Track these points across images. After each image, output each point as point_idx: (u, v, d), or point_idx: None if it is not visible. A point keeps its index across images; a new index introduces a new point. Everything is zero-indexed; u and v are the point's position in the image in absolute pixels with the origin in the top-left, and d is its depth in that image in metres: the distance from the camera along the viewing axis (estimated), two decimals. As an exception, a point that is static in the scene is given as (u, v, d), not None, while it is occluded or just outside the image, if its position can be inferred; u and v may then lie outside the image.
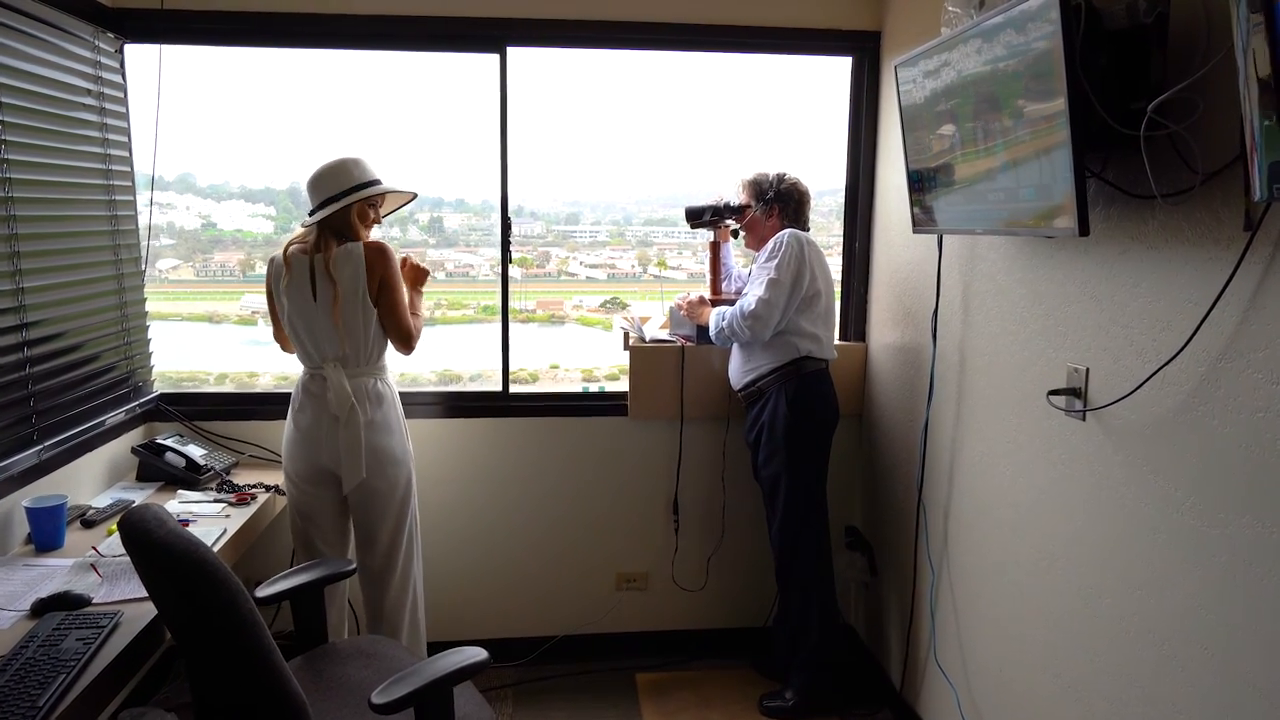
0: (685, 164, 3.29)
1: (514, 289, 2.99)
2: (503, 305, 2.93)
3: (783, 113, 3.15)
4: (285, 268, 2.34)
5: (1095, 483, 1.75)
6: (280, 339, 2.53)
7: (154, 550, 1.47)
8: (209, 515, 2.32)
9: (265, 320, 2.53)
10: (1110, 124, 1.48)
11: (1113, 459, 1.70)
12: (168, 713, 2.33)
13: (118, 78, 2.63)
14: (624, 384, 3.00)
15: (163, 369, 2.96)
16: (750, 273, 2.79)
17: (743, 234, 2.84)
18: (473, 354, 3.19)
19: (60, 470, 2.29)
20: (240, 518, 2.32)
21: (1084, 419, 1.78)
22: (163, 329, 2.95)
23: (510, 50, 2.79)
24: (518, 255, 2.96)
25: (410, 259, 2.59)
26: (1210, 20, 1.39)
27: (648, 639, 3.13)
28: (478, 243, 3.30)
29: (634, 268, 3.52)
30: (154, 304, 2.89)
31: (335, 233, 2.34)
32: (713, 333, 2.75)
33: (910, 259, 2.66)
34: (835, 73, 3.00)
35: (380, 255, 2.34)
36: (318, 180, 2.33)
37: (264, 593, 1.96)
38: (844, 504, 3.11)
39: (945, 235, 2.35)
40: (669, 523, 3.07)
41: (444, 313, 3.31)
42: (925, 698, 2.58)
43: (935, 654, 2.47)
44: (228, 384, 3.18)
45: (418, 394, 2.94)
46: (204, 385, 3.15)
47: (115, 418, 2.57)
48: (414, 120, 3.01)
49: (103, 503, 2.35)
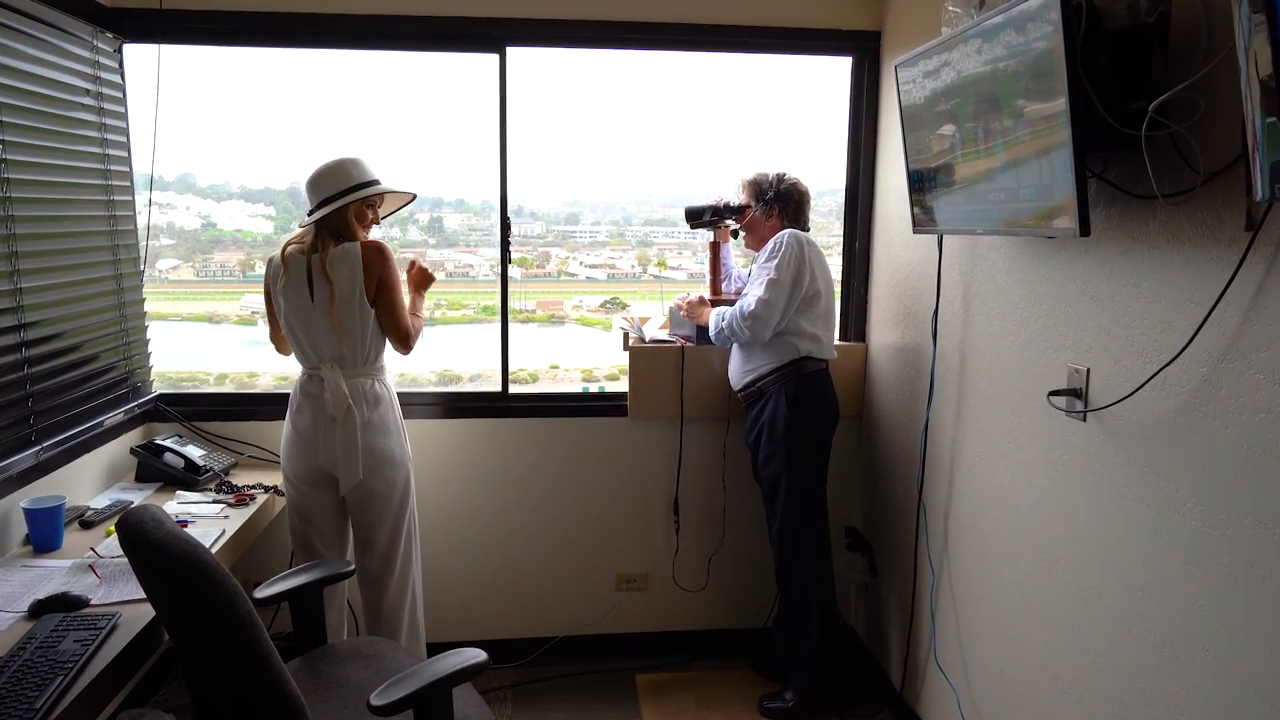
0: (685, 164, 3.29)
1: (514, 289, 2.99)
2: (502, 305, 2.93)
3: (783, 113, 3.14)
4: (283, 268, 2.34)
5: (1096, 483, 1.75)
6: (276, 340, 2.52)
7: (152, 551, 1.47)
8: (208, 516, 2.32)
9: (264, 320, 2.52)
10: (1111, 124, 1.47)
11: (1113, 460, 1.69)
12: (166, 714, 2.32)
13: (116, 78, 2.63)
14: (624, 384, 3.00)
15: (163, 369, 2.96)
16: (750, 273, 2.78)
17: (743, 234, 2.84)
18: (472, 354, 3.18)
19: (58, 471, 2.29)
20: (239, 519, 2.32)
21: (1085, 419, 1.78)
22: (163, 329, 2.95)
23: (510, 50, 2.79)
24: (517, 255, 2.96)
25: (418, 262, 2.59)
26: (1211, 20, 1.39)
27: (647, 640, 3.12)
28: (478, 243, 3.29)
29: (634, 268, 3.51)
30: (154, 304, 2.88)
31: (333, 233, 2.34)
32: (712, 333, 2.75)
33: (910, 259, 2.66)
34: (835, 73, 3.00)
35: (378, 255, 2.33)
36: (316, 180, 2.33)
37: (263, 594, 1.96)
38: (844, 504, 3.10)
39: (945, 235, 2.35)
40: (669, 523, 3.07)
41: (444, 313, 3.31)
42: (925, 698, 2.57)
43: (935, 655, 2.47)
44: (227, 384, 3.17)
45: (417, 394, 2.94)
46: (204, 385, 3.15)
47: (114, 418, 2.57)
48: (414, 120, 3.01)
49: (101, 503, 2.35)
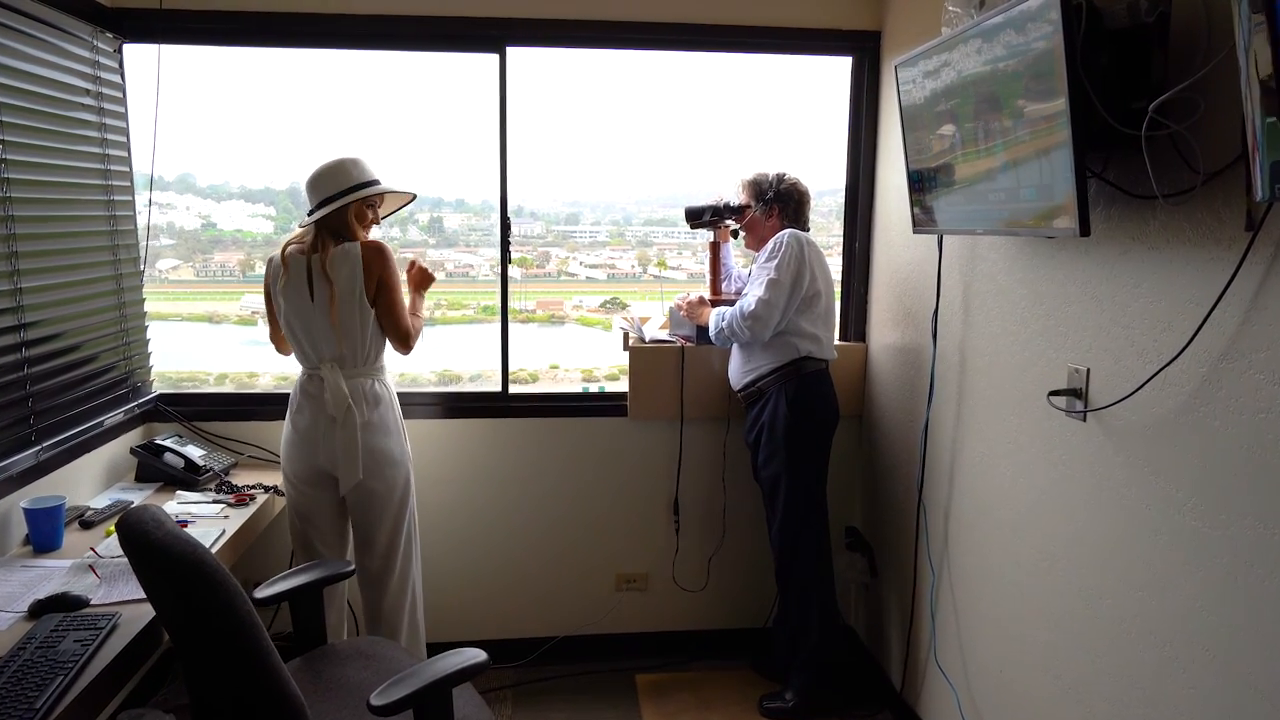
0: (685, 164, 3.29)
1: (514, 289, 2.99)
2: (502, 306, 2.93)
3: (783, 113, 3.14)
4: (283, 268, 2.33)
5: (1096, 484, 1.75)
6: (276, 340, 2.52)
7: (152, 551, 1.47)
8: (208, 516, 2.32)
9: (264, 320, 2.52)
10: (1111, 124, 1.47)
11: (1113, 460, 1.69)
12: (166, 714, 2.32)
13: (116, 78, 2.62)
14: (624, 384, 2.99)
15: (163, 369, 2.96)
16: (750, 273, 2.78)
17: (743, 234, 2.84)
18: (472, 354, 3.18)
19: (59, 471, 2.29)
20: (239, 519, 2.32)
21: (1085, 420, 1.78)
22: (163, 329, 2.95)
23: (510, 50, 2.79)
24: (517, 255, 2.96)
25: (419, 262, 2.58)
26: (1211, 20, 1.38)
27: (647, 640, 3.12)
28: (478, 243, 3.29)
29: (634, 268, 3.51)
30: (154, 304, 2.88)
31: (333, 233, 2.34)
32: (712, 333, 2.75)
33: (910, 259, 2.65)
34: (835, 73, 3.00)
35: (378, 255, 2.33)
36: (316, 180, 2.33)
37: (263, 594, 1.96)
38: (844, 505, 3.10)
39: (945, 235, 2.35)
40: (669, 523, 3.07)
41: (444, 313, 3.30)
42: (926, 699, 2.57)
43: (935, 655, 2.47)
44: (228, 384, 3.17)
45: (417, 394, 2.94)
46: (204, 385, 3.15)
47: (114, 418, 2.57)
48: (414, 120, 3.00)
49: (101, 503, 2.35)
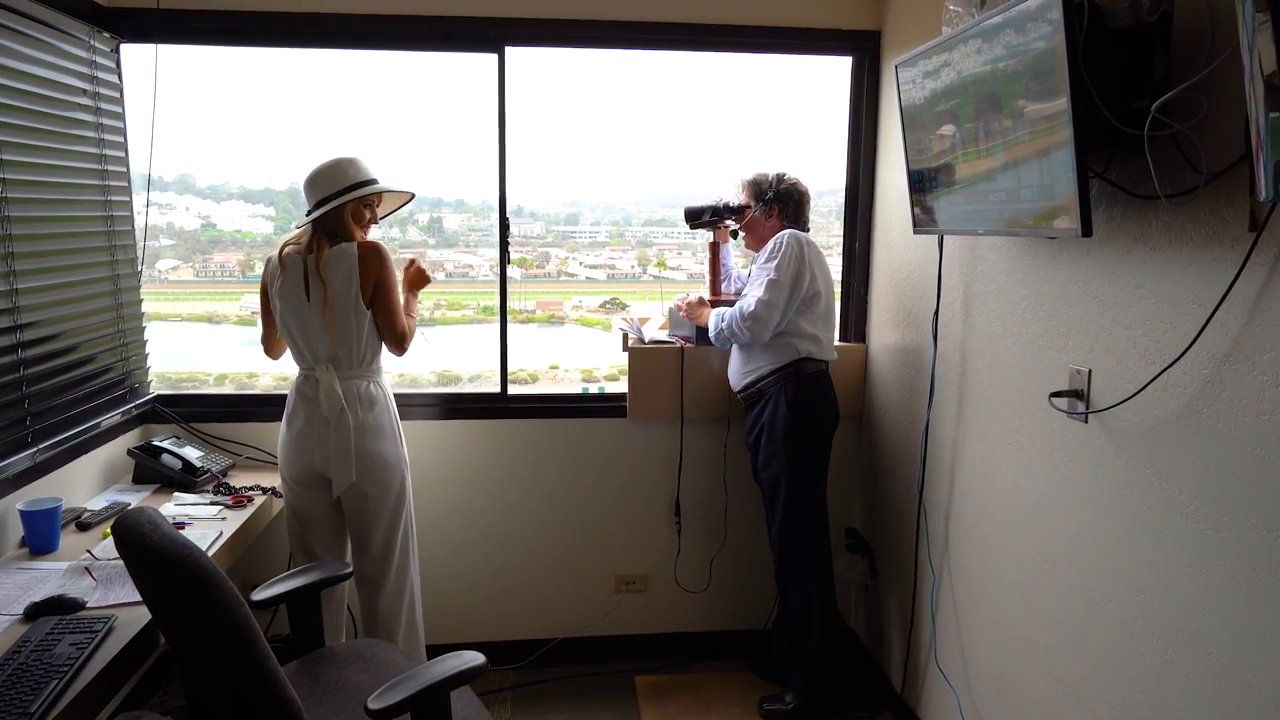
0: (685, 164, 3.28)
1: (514, 289, 2.98)
2: (501, 307, 2.92)
3: (783, 113, 3.13)
4: (280, 269, 2.32)
5: (1097, 485, 1.74)
6: (268, 342, 2.50)
7: (147, 554, 1.46)
8: (205, 518, 2.31)
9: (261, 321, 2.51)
10: (1113, 123, 1.46)
11: (1115, 462, 1.68)
12: (163, 717, 2.30)
13: (113, 78, 2.62)
14: (624, 385, 2.98)
15: (162, 370, 2.95)
16: (750, 273, 2.77)
17: (742, 234, 2.83)
18: (472, 355, 3.18)
19: (55, 472, 2.28)
20: (236, 520, 2.31)
21: (1086, 421, 1.77)
22: (162, 329, 2.94)
23: (508, 50, 2.78)
24: (517, 256, 2.95)
25: (417, 262, 2.56)
26: (1214, 19, 1.37)
27: (647, 641, 3.11)
28: (477, 243, 3.29)
29: (634, 268, 3.50)
30: (153, 305, 2.87)
31: (329, 233, 2.33)
32: (712, 334, 2.74)
33: (911, 259, 2.65)
34: (835, 73, 2.99)
35: (375, 255, 2.32)
36: (313, 180, 2.32)
37: (260, 596, 1.95)
38: (844, 506, 3.09)
39: (946, 236, 2.34)
40: (668, 525, 3.06)
41: (444, 313, 3.30)
42: (926, 701, 2.56)
43: (936, 657, 2.46)
44: (227, 384, 3.16)
45: (415, 395, 2.93)
46: (203, 386, 3.14)
47: (111, 419, 2.56)
48: (413, 120, 3.00)
49: (98, 505, 2.34)
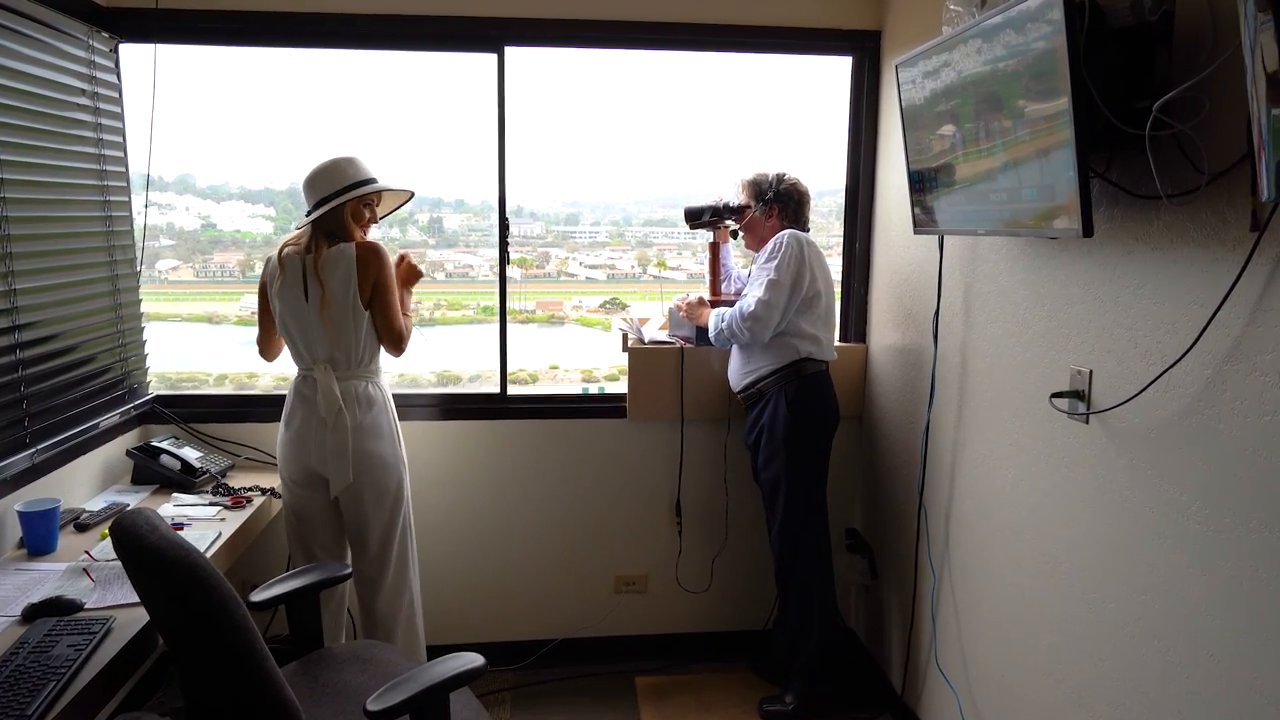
0: (685, 164, 3.28)
1: (514, 289, 2.97)
2: (501, 307, 2.92)
3: (783, 113, 3.13)
4: (279, 269, 2.32)
5: (1098, 486, 1.73)
6: (264, 343, 2.50)
7: (145, 555, 1.46)
8: (204, 519, 2.31)
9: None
10: (1114, 123, 1.46)
11: (1116, 462, 1.68)
12: (162, 718, 2.31)
13: (112, 78, 2.61)
14: (624, 385, 2.98)
15: (162, 370, 2.95)
16: (750, 273, 2.77)
17: (742, 234, 2.83)
18: (472, 355, 3.17)
19: (54, 473, 2.27)
20: (235, 521, 2.30)
21: (1087, 422, 1.76)
22: (162, 330, 2.94)
23: (508, 50, 2.77)
24: (517, 256, 2.94)
25: (409, 258, 2.55)
26: (1216, 18, 1.37)
27: (647, 642, 3.11)
28: (477, 243, 3.28)
29: (633, 268, 3.50)
30: (153, 305, 2.87)
31: (327, 234, 2.32)
32: (712, 334, 2.73)
33: (911, 259, 2.64)
34: (835, 73, 2.98)
35: (374, 256, 2.32)
36: (312, 180, 2.31)
37: (258, 597, 1.94)
38: (844, 506, 3.09)
39: (946, 236, 2.33)
40: (668, 525, 3.05)
41: (443, 313, 3.29)
42: (926, 702, 2.56)
43: (936, 658, 2.45)
44: (227, 385, 3.16)
45: (414, 396, 2.92)
46: (203, 386, 3.14)
47: (110, 420, 2.55)
48: (413, 120, 2.99)
49: (97, 506, 2.34)
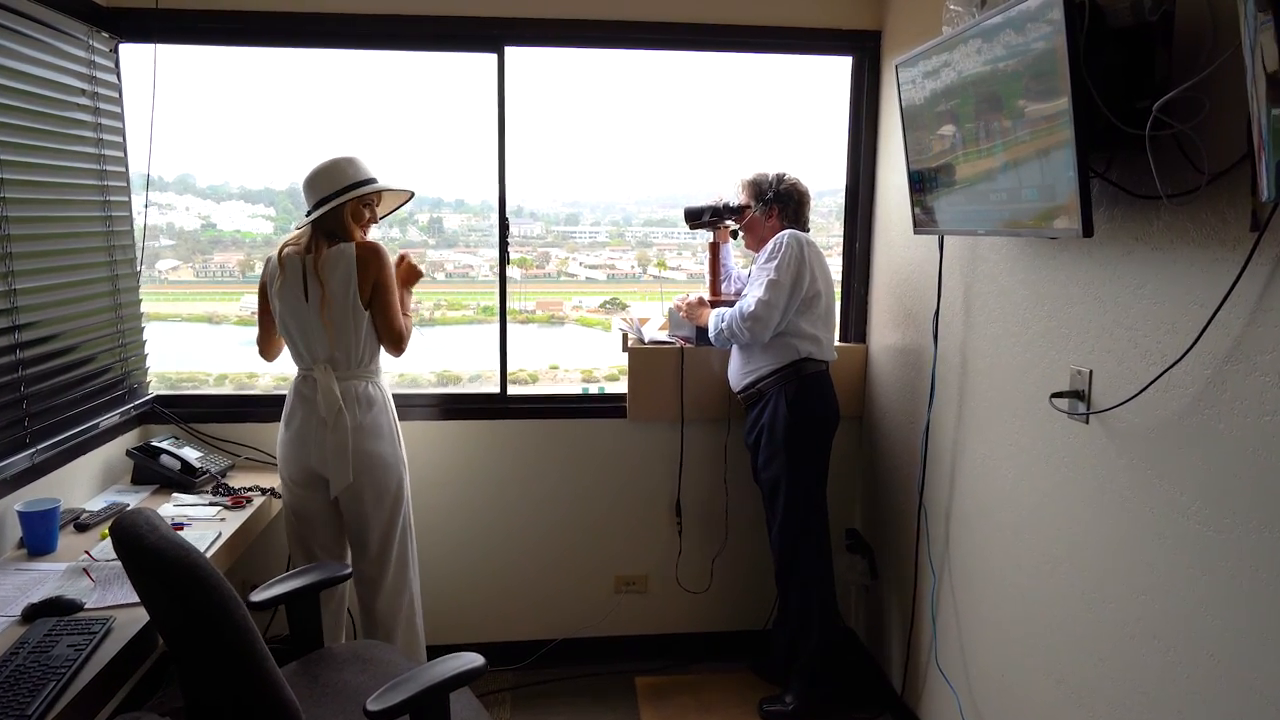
0: (685, 164, 3.28)
1: (514, 290, 2.97)
2: (501, 307, 2.92)
3: (783, 113, 3.13)
4: (279, 269, 2.32)
5: (1099, 486, 1.73)
6: (263, 343, 2.50)
7: (145, 555, 1.46)
8: (204, 519, 2.31)
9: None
10: (1114, 123, 1.46)
11: (1116, 463, 1.68)
12: (162, 718, 2.31)
13: (112, 78, 2.61)
14: (624, 385, 2.98)
15: (162, 370, 2.95)
16: (750, 273, 2.77)
17: (742, 235, 2.82)
18: (472, 355, 3.17)
19: (54, 473, 2.27)
20: (235, 521, 2.30)
21: (1087, 422, 1.76)
22: (162, 330, 2.94)
23: (508, 50, 2.77)
24: (517, 256, 2.94)
25: (409, 258, 2.55)
26: (1216, 18, 1.37)
27: (647, 642, 3.11)
28: (477, 243, 3.28)
29: (633, 268, 3.50)
30: (153, 305, 2.87)
31: (327, 234, 2.32)
32: (712, 334, 2.73)
33: (911, 260, 2.64)
34: (835, 73, 2.98)
35: (374, 256, 2.31)
36: (311, 181, 2.31)
37: (258, 597, 1.94)
38: (844, 506, 3.09)
39: (946, 236, 2.33)
40: (668, 525, 3.05)
41: (443, 313, 3.29)
42: (926, 702, 2.56)
43: (936, 658, 2.45)
44: (227, 385, 3.16)
45: (414, 396, 2.92)
46: (203, 386, 3.14)
47: (110, 420, 2.55)
48: (414, 120, 2.99)
49: (97, 506, 2.34)
